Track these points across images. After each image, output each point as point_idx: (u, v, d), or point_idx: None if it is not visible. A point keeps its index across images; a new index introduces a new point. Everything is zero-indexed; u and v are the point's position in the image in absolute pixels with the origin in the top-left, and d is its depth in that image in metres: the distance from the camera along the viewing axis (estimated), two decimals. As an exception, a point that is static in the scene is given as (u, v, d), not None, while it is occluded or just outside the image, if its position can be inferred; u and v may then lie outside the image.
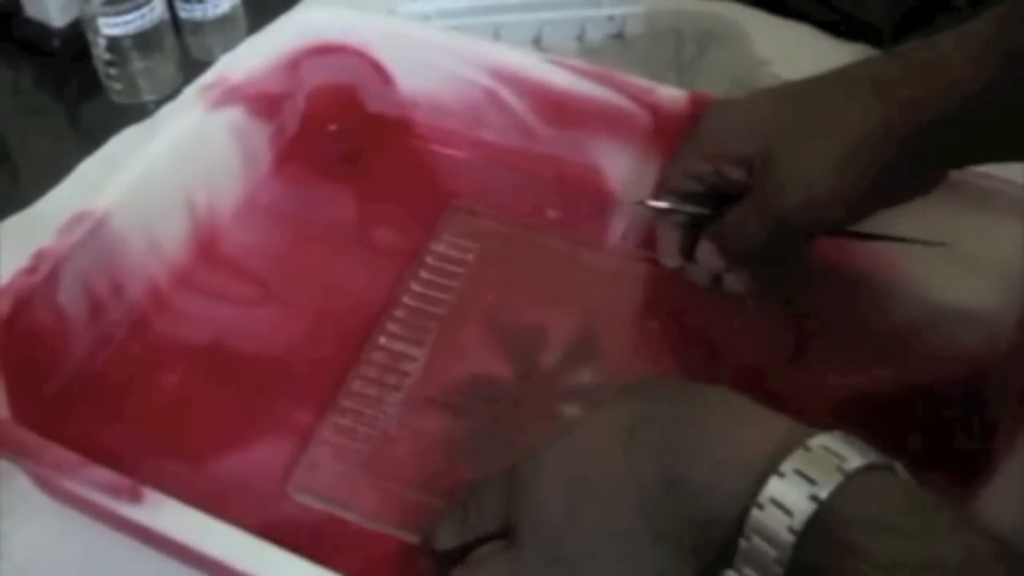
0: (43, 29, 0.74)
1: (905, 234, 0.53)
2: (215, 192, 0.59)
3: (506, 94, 0.61)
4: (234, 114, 0.59)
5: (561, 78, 0.60)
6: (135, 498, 0.42)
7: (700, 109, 0.56)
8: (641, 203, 0.56)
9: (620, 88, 0.59)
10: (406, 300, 0.57)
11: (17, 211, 0.63)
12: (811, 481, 0.35)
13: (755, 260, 0.54)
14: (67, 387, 0.52)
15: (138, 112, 0.70)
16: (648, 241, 0.59)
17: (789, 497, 0.35)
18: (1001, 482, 0.48)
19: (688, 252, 0.56)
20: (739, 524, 0.36)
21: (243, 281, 0.58)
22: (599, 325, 0.56)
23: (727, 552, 0.36)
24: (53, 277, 0.50)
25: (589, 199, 0.62)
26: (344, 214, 0.62)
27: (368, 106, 0.65)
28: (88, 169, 0.66)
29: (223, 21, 0.73)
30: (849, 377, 0.54)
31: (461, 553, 0.43)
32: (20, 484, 0.50)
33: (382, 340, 0.55)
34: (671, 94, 0.58)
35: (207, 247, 0.59)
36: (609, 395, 0.42)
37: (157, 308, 0.56)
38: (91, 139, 0.68)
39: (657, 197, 0.55)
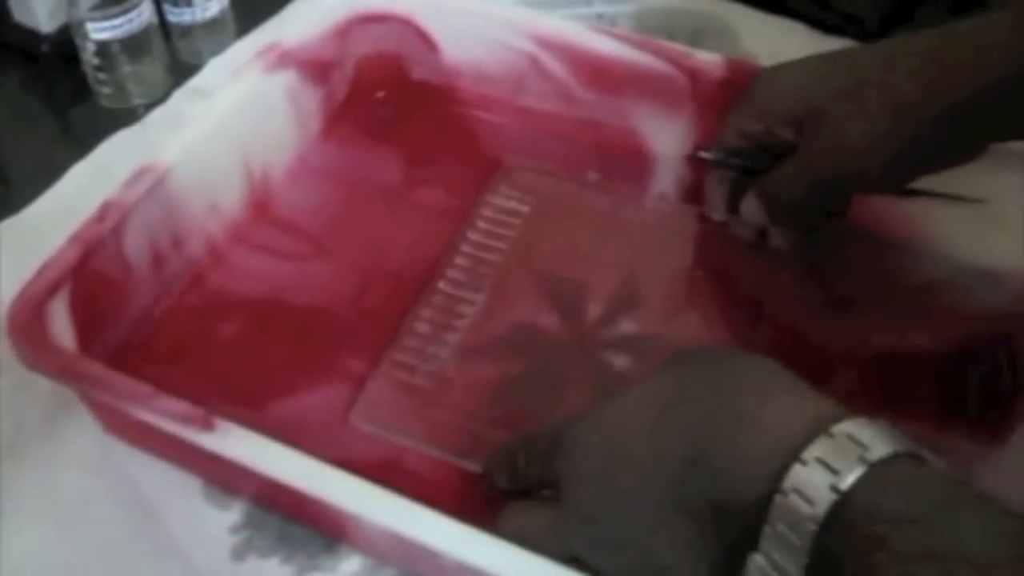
0: (31, 34, 0.73)
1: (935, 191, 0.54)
2: (270, 153, 0.61)
3: (548, 60, 0.63)
4: (288, 77, 0.60)
5: (601, 44, 0.61)
6: (207, 427, 0.44)
7: (736, 73, 0.59)
8: (693, 155, 0.58)
9: (659, 53, 0.60)
10: (464, 248, 0.59)
11: (8, 216, 0.63)
12: (833, 471, 0.34)
13: (796, 217, 0.55)
14: (129, 336, 0.54)
15: (127, 116, 0.69)
16: (688, 200, 0.61)
17: (810, 486, 0.34)
18: (1021, 438, 0.49)
19: (734, 207, 0.57)
20: (764, 509, 0.35)
21: (297, 238, 0.60)
22: (644, 278, 0.58)
23: (753, 535, 0.36)
24: (120, 227, 0.52)
25: (628, 162, 0.63)
26: (392, 177, 0.64)
27: (413, 73, 0.67)
28: (79, 173, 0.65)
29: (211, 25, 0.72)
30: (880, 334, 0.55)
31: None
32: (18, 486, 0.51)
33: (441, 285, 0.57)
34: (708, 58, 0.60)
35: (261, 206, 0.61)
36: (654, 348, 0.42)
37: (215, 263, 0.58)
38: (81, 143, 0.67)
39: (706, 151, 0.57)
